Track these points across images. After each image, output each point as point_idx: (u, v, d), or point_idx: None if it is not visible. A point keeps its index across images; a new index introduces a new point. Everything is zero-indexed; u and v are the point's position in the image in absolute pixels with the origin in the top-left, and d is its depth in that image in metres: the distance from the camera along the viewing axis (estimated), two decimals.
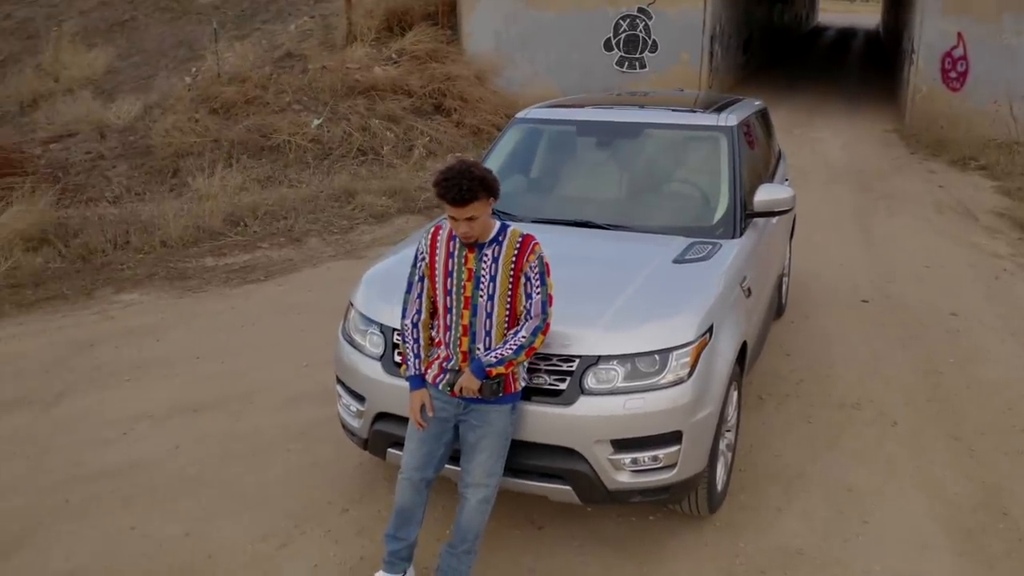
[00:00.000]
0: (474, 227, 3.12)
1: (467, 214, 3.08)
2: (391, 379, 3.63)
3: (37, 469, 4.54)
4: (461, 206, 3.06)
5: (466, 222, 3.10)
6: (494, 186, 3.12)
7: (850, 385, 5.40)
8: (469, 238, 3.15)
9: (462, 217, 3.09)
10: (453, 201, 3.05)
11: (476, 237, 3.16)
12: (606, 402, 3.34)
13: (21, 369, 5.81)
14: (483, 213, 3.12)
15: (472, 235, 3.14)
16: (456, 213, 3.08)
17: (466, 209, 3.07)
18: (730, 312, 3.84)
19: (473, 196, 3.05)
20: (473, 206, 3.07)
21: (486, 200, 3.11)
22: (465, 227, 3.11)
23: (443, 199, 3.08)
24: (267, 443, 4.74)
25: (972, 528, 3.97)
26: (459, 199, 3.04)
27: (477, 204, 3.08)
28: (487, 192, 3.09)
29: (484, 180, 3.08)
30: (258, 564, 3.72)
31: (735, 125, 4.89)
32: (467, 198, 3.04)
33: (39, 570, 3.72)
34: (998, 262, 8.08)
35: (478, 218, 3.10)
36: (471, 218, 3.09)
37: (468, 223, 3.10)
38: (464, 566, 3.38)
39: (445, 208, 3.13)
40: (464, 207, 3.06)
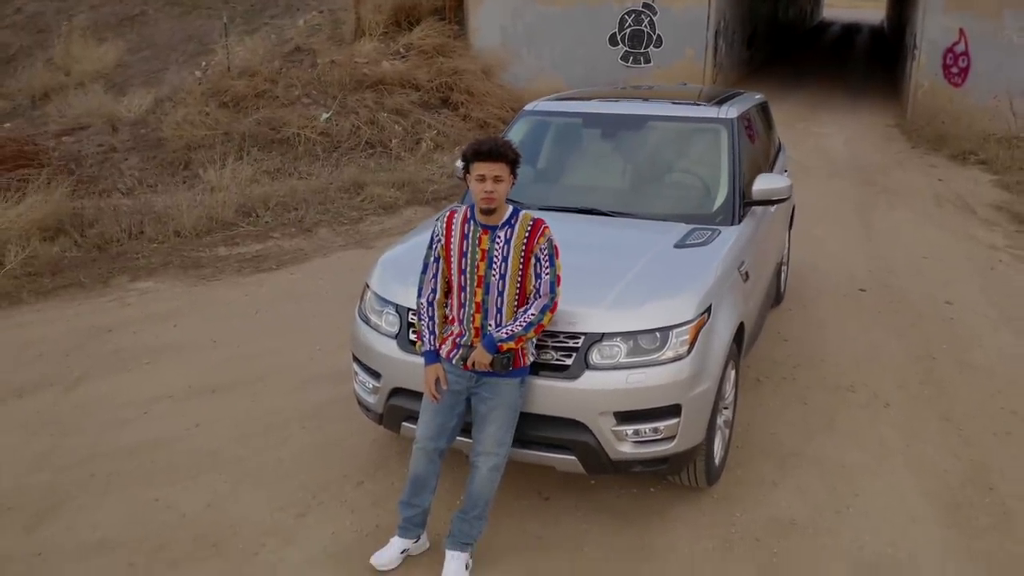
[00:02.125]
0: (498, 189, 3.34)
1: (495, 171, 3.32)
2: (406, 356, 3.82)
3: (61, 447, 4.73)
4: (493, 161, 3.31)
5: (492, 181, 3.33)
6: (517, 160, 3.40)
7: (845, 369, 5.58)
8: (491, 201, 3.35)
9: (491, 174, 3.32)
10: (488, 155, 3.31)
11: (497, 202, 3.36)
12: (610, 376, 3.53)
13: (41, 353, 6.00)
14: (506, 179, 3.36)
15: (495, 197, 3.35)
16: (486, 169, 3.32)
17: (496, 166, 3.32)
18: (728, 294, 4.02)
19: (503, 156, 3.33)
20: (501, 166, 3.33)
21: (510, 170, 3.37)
22: (491, 185, 3.33)
23: (477, 157, 3.33)
24: (283, 421, 4.94)
25: (959, 502, 4.15)
26: (493, 152, 3.32)
27: (504, 166, 3.34)
28: (513, 162, 3.37)
29: (513, 149, 3.40)
30: (278, 532, 3.92)
31: (735, 117, 5.07)
32: (500, 152, 3.32)
33: (68, 540, 3.90)
34: (994, 253, 8.25)
35: (503, 181, 3.33)
36: (498, 177, 3.32)
37: (494, 182, 3.33)
38: (475, 531, 3.57)
39: (474, 171, 3.36)
40: (495, 163, 3.32)
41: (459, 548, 3.56)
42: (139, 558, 3.74)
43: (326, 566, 3.68)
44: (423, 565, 3.66)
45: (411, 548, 3.68)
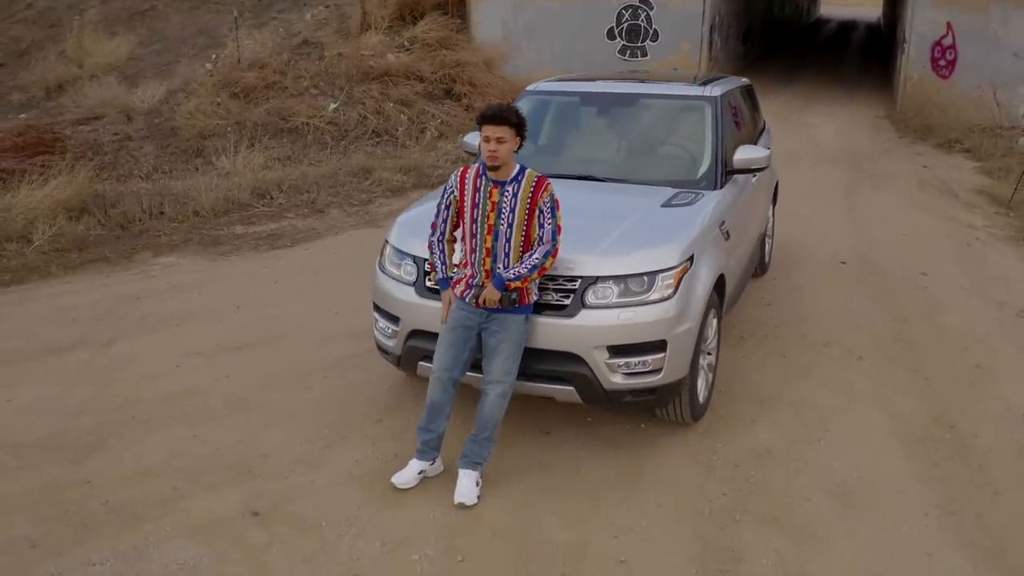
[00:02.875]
0: (500, 150, 3.79)
1: (498, 133, 3.78)
2: (422, 300, 4.29)
3: (101, 395, 5.16)
4: (496, 124, 3.77)
5: (495, 141, 3.79)
6: (522, 124, 3.87)
7: (822, 329, 6.04)
8: (494, 159, 3.81)
9: (493, 136, 3.78)
10: (491, 118, 3.77)
11: (500, 161, 3.82)
12: (603, 314, 4.00)
13: (75, 319, 6.44)
14: (509, 140, 3.82)
15: (496, 156, 3.80)
16: (490, 131, 3.78)
17: (498, 128, 3.78)
18: (709, 247, 4.49)
19: (506, 119, 3.79)
20: (504, 129, 3.79)
21: (514, 133, 3.83)
22: (493, 145, 3.79)
23: (483, 120, 3.80)
24: (306, 372, 5.39)
25: (922, 438, 4.61)
26: (496, 115, 3.79)
27: (507, 129, 3.80)
28: (517, 125, 3.83)
29: (517, 113, 3.86)
30: (306, 460, 4.38)
31: (719, 95, 5.54)
32: (502, 116, 3.79)
33: (115, 468, 4.34)
34: (972, 232, 8.70)
35: (505, 142, 3.79)
36: (500, 138, 3.77)
37: (497, 143, 3.78)
38: (484, 451, 4.04)
39: (482, 132, 3.83)
40: (498, 125, 3.78)
41: (470, 467, 4.02)
42: (181, 482, 4.19)
43: (351, 486, 4.13)
44: (438, 484, 4.12)
45: (428, 470, 4.14)
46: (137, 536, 3.75)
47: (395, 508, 3.95)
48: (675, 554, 3.63)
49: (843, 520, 3.87)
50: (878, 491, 4.10)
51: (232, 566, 3.54)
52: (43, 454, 4.46)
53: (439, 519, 3.87)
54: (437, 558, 3.61)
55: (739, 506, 3.97)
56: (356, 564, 3.56)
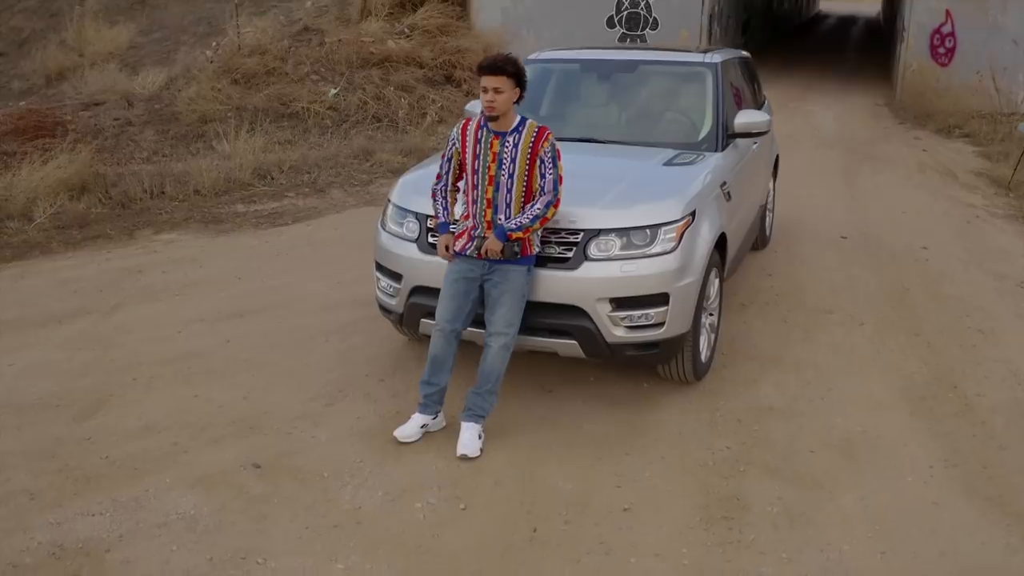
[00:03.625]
0: (498, 100, 3.79)
1: (495, 83, 3.77)
2: (425, 256, 4.29)
3: (104, 358, 5.16)
4: (492, 74, 3.77)
5: (493, 92, 3.78)
6: (521, 72, 3.86)
7: (824, 297, 6.05)
8: (492, 109, 3.81)
9: (491, 86, 3.78)
10: (489, 68, 3.77)
11: (498, 111, 3.82)
12: (606, 266, 4.00)
13: (77, 289, 6.43)
14: (507, 91, 3.81)
15: (494, 107, 3.80)
16: (488, 81, 3.78)
17: (495, 79, 3.77)
18: (711, 205, 4.49)
19: (503, 69, 3.78)
20: (501, 79, 3.78)
21: (512, 83, 3.82)
22: (491, 96, 3.79)
23: (481, 71, 3.80)
24: (308, 337, 5.39)
25: (924, 396, 4.62)
26: (493, 65, 3.78)
27: (504, 79, 3.79)
28: (515, 75, 3.81)
29: (515, 63, 3.85)
30: (308, 417, 4.37)
31: (719, 62, 5.54)
32: (499, 66, 3.78)
33: (116, 425, 4.33)
34: (971, 211, 8.71)
35: (503, 93, 3.79)
36: (497, 89, 3.76)
37: (494, 93, 3.78)
38: (487, 404, 4.04)
39: (480, 83, 3.82)
40: (495, 76, 3.77)
41: (473, 420, 4.02)
42: (182, 438, 4.18)
43: (352, 441, 4.13)
44: (440, 439, 4.12)
45: (430, 424, 4.14)
46: (137, 488, 3.74)
47: (397, 461, 3.95)
48: (679, 502, 3.63)
49: (847, 471, 3.88)
50: (881, 445, 4.11)
51: (232, 515, 3.54)
52: (44, 413, 4.45)
53: (441, 470, 3.87)
54: (440, 506, 3.61)
55: (742, 458, 3.97)
56: (358, 512, 3.56)
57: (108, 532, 3.44)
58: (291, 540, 3.37)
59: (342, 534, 3.40)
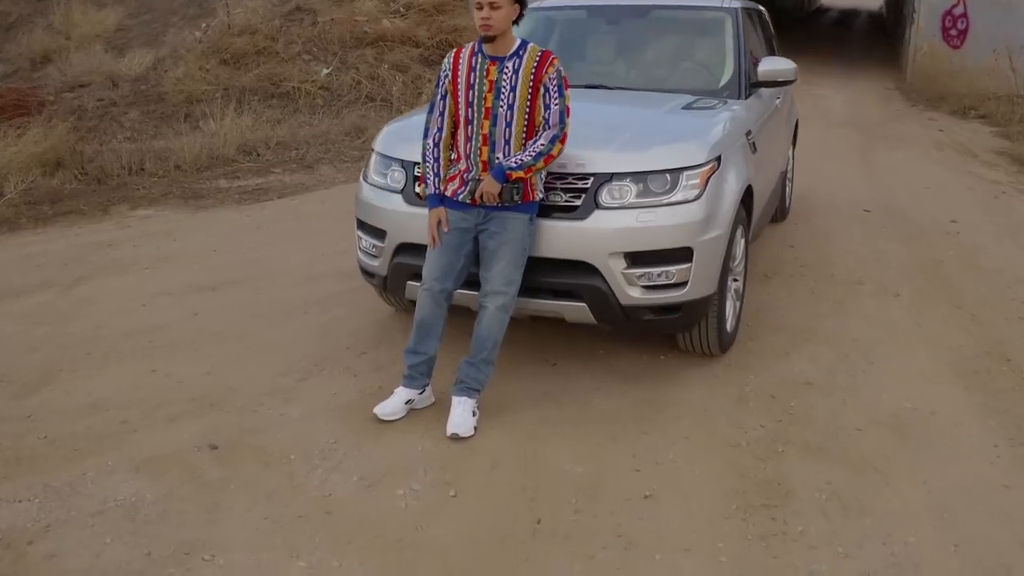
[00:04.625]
0: (494, 17, 3.26)
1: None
2: (411, 208, 3.75)
3: (59, 333, 4.63)
4: None
5: (488, 7, 3.25)
6: None
7: (852, 268, 5.52)
8: (488, 28, 3.28)
9: (486, 1, 3.21)
10: None
11: (495, 30, 3.28)
12: (619, 215, 3.46)
13: (42, 264, 5.91)
14: (505, 6, 3.28)
15: (490, 24, 3.27)
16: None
17: None
18: (737, 152, 3.95)
19: None
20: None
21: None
22: (486, 12, 3.26)
23: None
24: (286, 309, 4.86)
25: (977, 370, 4.09)
26: None
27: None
28: None
29: None
30: (278, 393, 3.84)
31: (739, 7, 5.01)
32: None
33: (62, 402, 3.81)
34: (997, 186, 8.19)
35: (500, 8, 3.25)
36: (493, 3, 3.24)
37: (490, 8, 3.25)
38: (482, 375, 3.50)
39: None
40: None
41: (466, 394, 3.48)
42: (133, 416, 3.64)
43: (326, 419, 3.59)
44: (428, 416, 3.59)
45: (416, 400, 3.60)
46: (75, 471, 3.21)
47: (377, 441, 3.41)
48: (710, 488, 3.10)
49: (901, 452, 3.34)
50: (936, 422, 3.58)
51: (180, 503, 3.00)
52: None
53: (428, 451, 3.34)
54: (425, 493, 3.08)
55: (780, 437, 3.43)
56: (328, 500, 3.03)
57: (34, 521, 2.91)
58: (247, 532, 2.83)
59: (307, 525, 2.87)
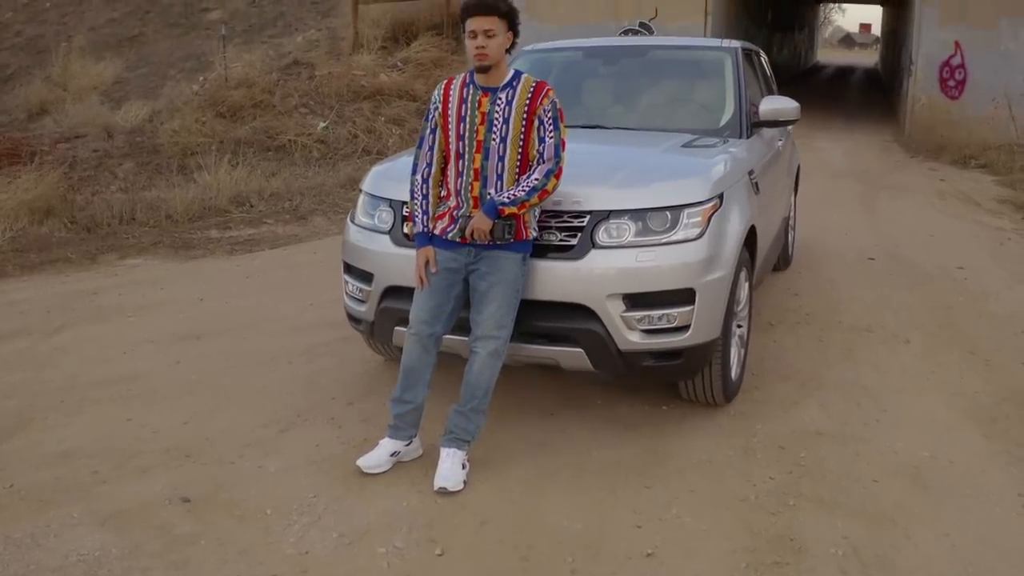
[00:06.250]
0: (489, 46, 3.14)
1: (485, 25, 3.12)
2: (399, 250, 3.58)
3: (35, 380, 4.45)
4: (482, 15, 3.11)
5: (483, 35, 3.13)
6: (514, 12, 3.21)
7: (860, 315, 5.33)
8: (483, 57, 3.16)
9: (480, 29, 3.12)
10: (476, 7, 3.11)
11: (490, 59, 3.16)
12: (617, 255, 3.29)
13: (24, 310, 5.74)
14: (499, 34, 3.16)
15: (485, 54, 3.14)
16: (476, 24, 3.13)
17: (485, 20, 3.12)
18: (740, 191, 3.80)
19: (494, 7, 3.12)
20: (492, 19, 3.13)
21: (505, 24, 3.17)
22: (481, 41, 3.13)
23: (467, 12, 3.15)
24: (271, 358, 4.66)
25: (995, 417, 3.88)
26: (481, 5, 3.11)
27: (496, 20, 3.14)
28: (508, 15, 3.16)
29: (506, 1, 3.15)
30: (258, 445, 3.62)
31: (738, 47, 4.93)
32: (489, 5, 3.11)
33: (31, 451, 3.61)
34: (1002, 233, 8.06)
35: (495, 36, 3.13)
36: (488, 31, 3.12)
37: (485, 36, 3.13)
38: (472, 426, 3.29)
39: (467, 28, 3.18)
40: (484, 16, 3.12)
41: (455, 445, 3.26)
42: (104, 466, 3.44)
43: (307, 472, 3.37)
44: (415, 470, 3.36)
45: (402, 452, 3.38)
46: (38, 522, 3.00)
47: (359, 495, 3.18)
48: (717, 545, 2.87)
49: (921, 503, 3.12)
50: (957, 472, 3.36)
51: (146, 559, 2.77)
52: None
53: (414, 507, 3.11)
54: (410, 551, 2.84)
55: (791, 490, 3.21)
56: (305, 558, 2.79)
57: None
58: None
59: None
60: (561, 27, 15.29)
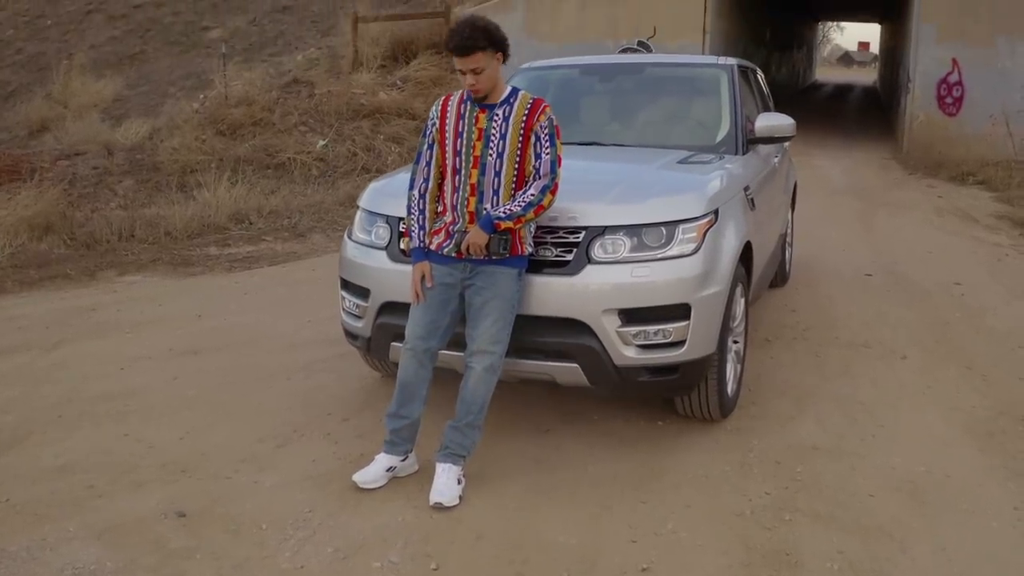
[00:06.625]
0: (480, 80, 3.15)
1: (471, 65, 3.11)
2: (396, 266, 3.60)
3: (32, 395, 4.46)
4: (464, 55, 3.10)
5: (471, 73, 3.14)
6: (498, 37, 3.17)
7: (856, 331, 5.34)
8: (476, 92, 3.18)
9: (467, 68, 3.12)
10: (456, 50, 3.10)
11: (483, 91, 3.19)
12: (613, 270, 3.31)
13: (23, 326, 5.76)
14: (488, 66, 3.15)
15: (478, 88, 3.17)
16: (461, 64, 3.13)
17: (469, 60, 3.11)
18: (735, 207, 3.82)
19: (475, 45, 3.09)
20: (476, 57, 3.11)
21: (492, 54, 3.15)
22: (471, 79, 3.15)
23: (449, 50, 3.12)
24: (269, 374, 4.67)
25: (992, 431, 3.88)
26: (461, 47, 3.09)
27: (481, 55, 3.12)
28: (492, 45, 3.14)
29: (487, 30, 3.14)
30: (254, 460, 3.62)
31: (734, 64, 4.96)
32: (469, 46, 3.08)
33: (27, 466, 3.62)
34: (1000, 249, 8.08)
35: (483, 70, 3.14)
36: (475, 70, 3.12)
37: (473, 75, 3.13)
38: (468, 441, 3.29)
39: (455, 64, 3.17)
40: (467, 57, 3.10)
41: (451, 460, 3.26)
42: (100, 481, 3.44)
43: (302, 487, 3.37)
44: (410, 485, 3.36)
45: (398, 467, 3.38)
46: (33, 536, 3.01)
47: (355, 510, 3.18)
48: (713, 560, 2.86)
49: (918, 518, 3.11)
50: (952, 486, 3.36)
51: (141, 573, 2.77)
52: None
53: (410, 522, 3.11)
54: (404, 566, 2.84)
55: (787, 505, 3.20)
56: (299, 572, 2.79)
57: None
58: None
59: None
60: (561, 45, 15.40)
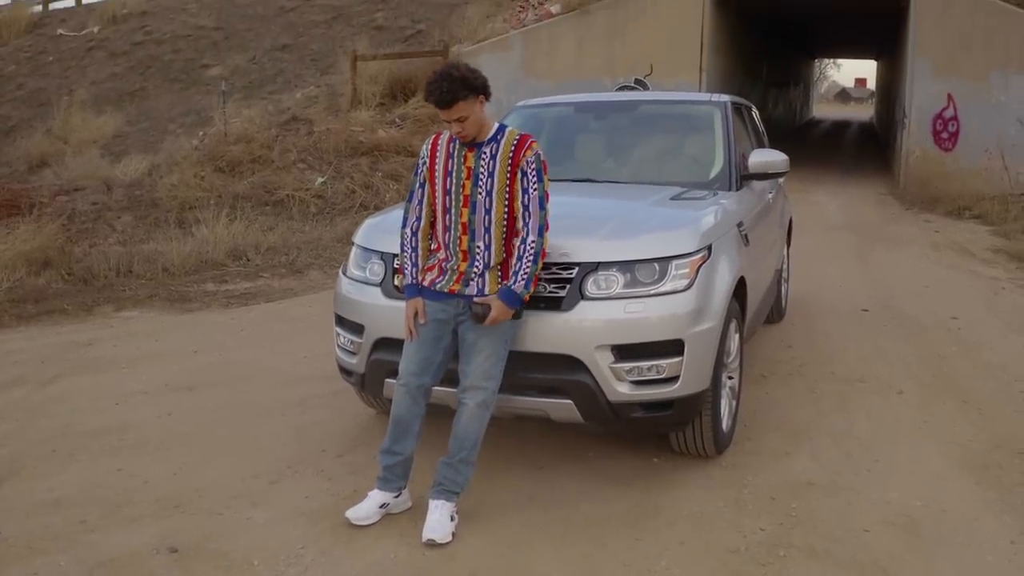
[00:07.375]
0: (466, 127, 3.18)
1: (454, 115, 3.15)
2: (390, 302, 3.61)
3: (26, 429, 4.47)
4: (446, 108, 3.13)
5: (456, 123, 3.17)
6: (477, 83, 3.18)
7: (853, 366, 5.34)
8: (464, 138, 3.21)
9: (450, 119, 3.16)
10: (437, 103, 3.13)
11: (471, 136, 3.22)
12: (606, 306, 3.32)
13: (18, 361, 5.77)
14: (471, 112, 3.17)
15: (465, 135, 3.21)
16: (444, 115, 3.17)
17: (452, 111, 3.14)
18: (729, 242, 3.85)
19: (454, 97, 3.11)
20: (458, 107, 3.13)
21: (473, 99, 3.17)
22: (456, 127, 3.19)
23: (428, 102, 3.16)
24: (264, 411, 4.66)
25: (988, 464, 3.88)
26: (441, 101, 3.12)
27: (462, 104, 3.14)
28: (472, 92, 3.15)
29: (465, 80, 3.14)
30: (247, 496, 3.61)
31: (727, 101, 5.02)
32: (448, 99, 3.11)
33: (20, 500, 3.62)
34: (996, 283, 8.10)
35: (468, 118, 3.17)
36: (460, 119, 3.16)
37: (458, 123, 3.17)
38: (461, 477, 3.28)
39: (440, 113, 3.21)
40: (449, 109, 3.13)
41: (444, 497, 3.25)
42: (93, 515, 3.43)
43: (296, 523, 3.35)
44: (403, 522, 3.34)
45: (391, 504, 3.36)
46: (25, 570, 3.02)
47: (347, 547, 3.16)
48: None
49: (914, 552, 3.10)
50: (949, 520, 3.34)
51: None
52: None
53: (402, 559, 3.09)
54: None
55: (782, 541, 3.18)
56: None
57: None
58: None
59: None
60: (558, 83, 15.57)
